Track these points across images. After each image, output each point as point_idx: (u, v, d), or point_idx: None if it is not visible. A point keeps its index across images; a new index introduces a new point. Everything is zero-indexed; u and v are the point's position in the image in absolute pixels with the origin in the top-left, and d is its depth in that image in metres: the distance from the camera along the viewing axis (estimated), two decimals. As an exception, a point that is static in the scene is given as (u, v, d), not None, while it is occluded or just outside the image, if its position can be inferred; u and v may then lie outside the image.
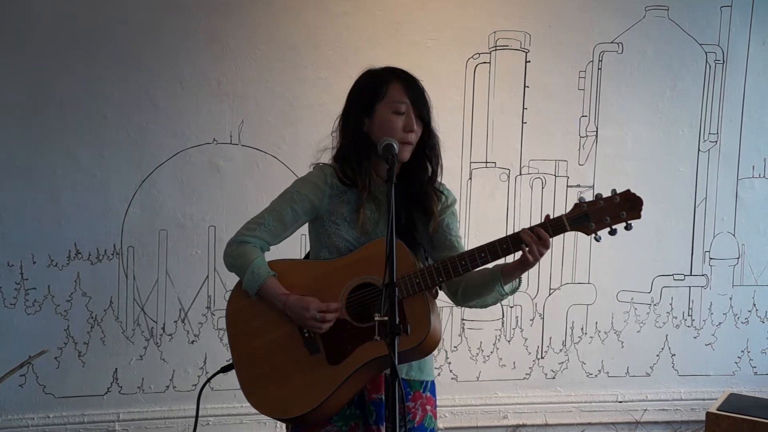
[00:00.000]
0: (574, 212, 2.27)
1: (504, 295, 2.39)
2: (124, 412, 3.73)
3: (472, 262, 2.28)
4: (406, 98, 2.35)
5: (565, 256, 4.05)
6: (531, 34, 3.92)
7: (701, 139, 4.12)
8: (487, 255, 2.28)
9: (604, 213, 2.25)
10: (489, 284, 2.36)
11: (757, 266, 4.23)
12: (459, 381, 4.02)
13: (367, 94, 2.39)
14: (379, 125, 2.36)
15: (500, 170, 3.97)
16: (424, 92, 2.40)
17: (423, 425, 2.43)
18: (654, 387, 4.19)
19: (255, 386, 2.37)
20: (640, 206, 2.26)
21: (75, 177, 3.61)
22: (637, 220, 2.31)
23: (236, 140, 3.73)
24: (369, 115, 2.38)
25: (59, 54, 3.55)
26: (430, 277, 2.28)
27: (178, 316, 3.75)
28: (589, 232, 2.27)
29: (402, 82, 2.37)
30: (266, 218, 2.42)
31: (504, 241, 2.27)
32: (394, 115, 2.35)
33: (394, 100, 2.35)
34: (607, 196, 2.27)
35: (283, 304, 2.33)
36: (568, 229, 2.26)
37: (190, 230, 3.71)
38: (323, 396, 2.29)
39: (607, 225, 2.26)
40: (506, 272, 2.34)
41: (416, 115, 2.36)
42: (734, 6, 4.06)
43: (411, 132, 2.34)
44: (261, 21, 3.70)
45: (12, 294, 3.60)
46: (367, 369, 2.29)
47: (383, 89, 2.37)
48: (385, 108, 2.36)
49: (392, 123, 2.34)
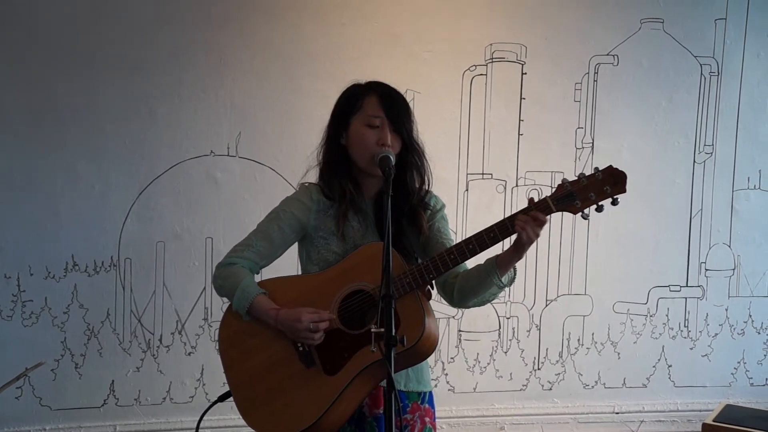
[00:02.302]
0: (557, 192, 2.22)
1: (502, 287, 2.32)
2: (120, 424, 3.73)
3: (461, 254, 2.24)
4: (380, 112, 2.33)
5: (561, 267, 4.06)
6: (527, 46, 3.94)
7: (696, 150, 4.14)
8: (474, 246, 2.23)
9: (588, 190, 2.20)
10: (485, 278, 2.30)
11: (752, 277, 4.24)
12: (456, 392, 4.02)
13: (343, 108, 2.40)
14: (353, 138, 2.36)
15: (497, 182, 3.98)
16: (403, 106, 2.37)
17: None
18: (650, 398, 4.19)
19: (252, 407, 2.34)
20: (624, 180, 2.19)
21: (73, 189, 3.61)
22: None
23: (234, 152, 3.73)
24: (345, 129, 2.38)
25: (58, 65, 3.55)
26: (420, 276, 2.24)
27: (175, 328, 3.75)
28: (576, 210, 2.21)
29: (378, 96, 2.36)
30: (254, 239, 2.41)
31: (491, 230, 2.22)
32: (367, 129, 2.33)
33: (367, 113, 2.34)
34: (590, 174, 2.22)
35: (275, 319, 2.31)
36: (553, 209, 2.21)
37: (188, 242, 3.71)
38: (323, 407, 2.25)
39: (593, 202, 2.20)
40: (501, 262, 2.27)
41: (393, 130, 2.34)
42: (729, 18, 4.09)
43: (384, 146, 2.31)
44: (259, 33, 3.71)
45: (9, 306, 3.60)
46: (365, 376, 2.26)
47: (359, 103, 2.36)
48: (359, 121, 2.35)
49: (365, 136, 2.33)
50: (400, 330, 2.18)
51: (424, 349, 2.25)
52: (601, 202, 2.21)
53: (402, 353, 2.14)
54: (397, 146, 2.35)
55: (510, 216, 2.23)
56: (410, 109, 2.40)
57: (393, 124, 2.34)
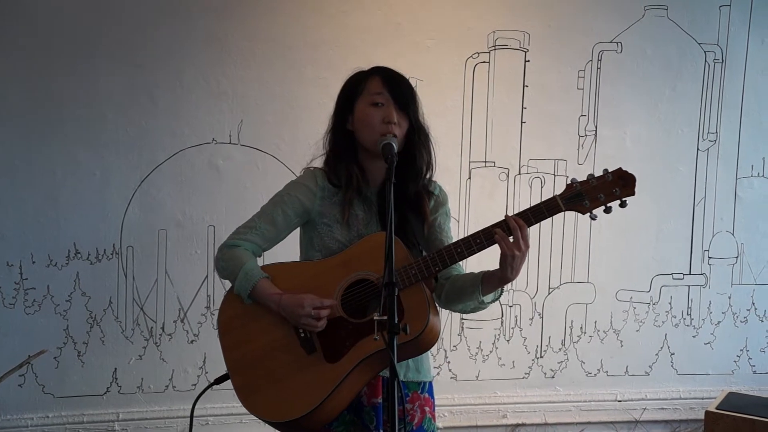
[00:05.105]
0: (567, 192, 2.25)
1: (482, 303, 2.34)
2: (123, 412, 3.73)
3: (468, 248, 2.25)
4: (384, 90, 2.33)
5: (564, 256, 4.05)
6: (530, 33, 3.92)
7: (700, 138, 4.13)
8: (482, 240, 2.25)
9: (597, 191, 2.23)
10: (469, 289, 2.33)
11: (756, 265, 4.23)
12: (458, 380, 4.02)
13: (348, 92, 2.39)
14: (359, 120, 2.34)
15: (499, 170, 3.98)
16: (407, 86, 2.37)
17: (422, 427, 2.41)
18: (653, 386, 4.19)
19: (250, 391, 2.32)
20: (633, 183, 2.23)
21: (74, 177, 3.61)
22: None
23: (235, 140, 3.73)
24: (351, 112, 2.37)
25: (59, 53, 3.54)
26: (426, 267, 2.25)
27: (177, 316, 3.75)
28: (584, 210, 2.24)
29: (381, 76, 2.35)
30: (257, 222, 2.40)
31: (499, 225, 2.25)
32: (371, 108, 2.32)
33: (371, 92, 2.33)
34: (599, 175, 2.24)
35: (277, 304, 2.30)
36: (562, 208, 2.23)
37: (190, 230, 3.71)
38: (323, 395, 2.24)
39: (602, 203, 2.23)
40: (486, 279, 2.31)
41: (399, 109, 2.33)
42: (733, 5, 4.07)
43: (390, 123, 2.30)
44: (260, 21, 3.70)
45: (11, 294, 3.60)
46: (366, 365, 2.25)
47: (362, 85, 2.36)
48: (364, 101, 2.35)
49: (370, 116, 2.31)
50: (404, 320, 2.18)
51: (426, 341, 2.25)
52: (609, 203, 2.23)
53: (404, 344, 2.16)
54: (404, 125, 2.34)
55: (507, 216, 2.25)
56: (414, 90, 2.39)
57: (397, 103, 2.33)
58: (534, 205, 2.25)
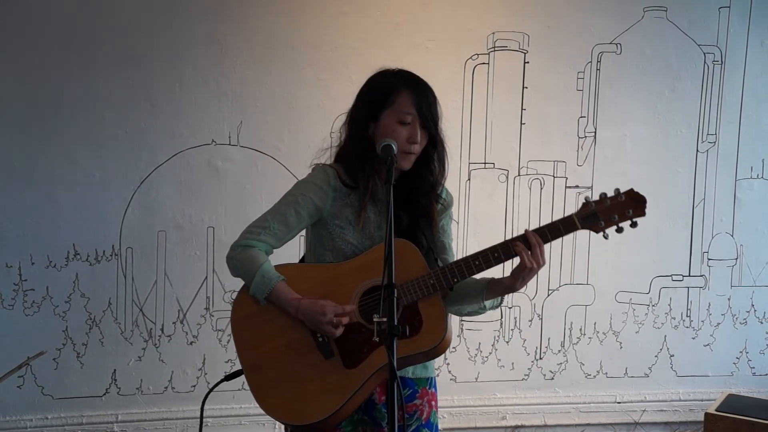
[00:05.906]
0: (583, 211, 2.33)
1: (482, 309, 2.44)
2: (122, 414, 3.73)
3: (486, 261, 2.31)
4: (413, 109, 2.32)
5: (563, 257, 4.05)
6: (529, 34, 3.92)
7: (699, 139, 4.13)
8: (500, 254, 2.31)
9: (612, 211, 2.32)
10: (473, 294, 2.40)
11: (755, 267, 4.23)
12: (458, 382, 4.02)
13: (375, 98, 2.37)
14: (383, 132, 2.33)
15: (499, 171, 3.98)
16: (434, 102, 2.37)
17: (430, 421, 2.47)
18: (652, 387, 4.19)
19: (268, 391, 2.34)
20: (644, 204, 2.34)
21: (73, 178, 3.60)
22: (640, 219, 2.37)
23: (235, 141, 3.72)
24: (375, 121, 2.36)
25: (58, 54, 3.54)
26: (444, 278, 2.30)
27: (176, 317, 3.75)
28: (599, 229, 2.33)
29: (411, 91, 2.34)
30: (270, 221, 2.39)
31: (518, 239, 2.31)
32: (399, 125, 2.32)
33: (401, 110, 2.32)
34: (612, 195, 2.32)
35: (295, 309, 2.32)
36: (579, 227, 2.31)
37: (189, 231, 3.71)
38: (342, 400, 2.28)
39: (615, 223, 2.33)
40: (492, 286, 2.39)
41: (421, 126, 2.33)
42: (732, 7, 4.07)
43: (414, 144, 2.33)
44: (260, 22, 3.70)
45: (10, 295, 3.60)
46: (383, 371, 2.28)
47: (391, 97, 2.34)
48: (391, 116, 2.33)
49: (396, 133, 2.31)
50: (423, 330, 2.28)
51: (439, 350, 2.33)
52: (622, 224, 2.34)
53: (419, 354, 2.28)
54: (424, 141, 2.37)
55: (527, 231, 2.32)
56: (438, 102, 2.39)
57: (422, 120, 2.34)
58: (551, 223, 2.33)
